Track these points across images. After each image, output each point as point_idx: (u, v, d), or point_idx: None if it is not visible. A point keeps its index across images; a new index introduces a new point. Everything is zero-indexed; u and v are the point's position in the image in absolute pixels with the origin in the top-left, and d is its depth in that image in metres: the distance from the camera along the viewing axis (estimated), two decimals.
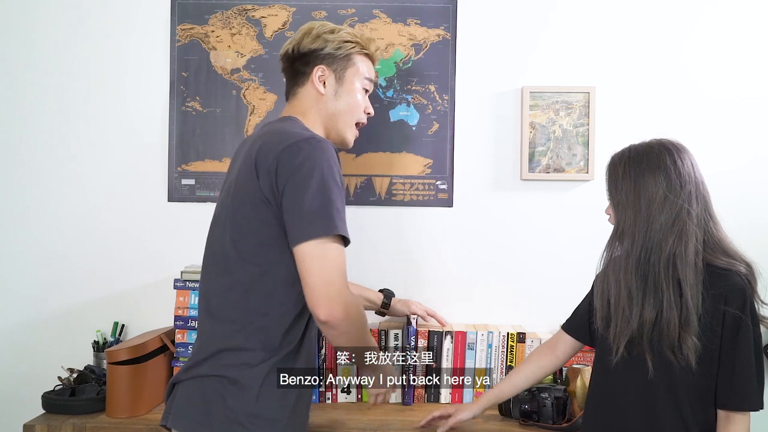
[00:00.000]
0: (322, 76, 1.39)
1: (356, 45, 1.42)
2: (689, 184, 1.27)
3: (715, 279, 1.23)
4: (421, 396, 1.80)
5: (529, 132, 1.92)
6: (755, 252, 1.92)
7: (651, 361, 1.24)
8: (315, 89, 1.39)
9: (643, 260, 1.24)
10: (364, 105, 1.45)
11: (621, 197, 1.29)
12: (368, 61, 1.46)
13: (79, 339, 1.91)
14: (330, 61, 1.40)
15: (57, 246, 1.96)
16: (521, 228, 1.95)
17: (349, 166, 1.95)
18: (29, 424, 1.58)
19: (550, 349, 1.52)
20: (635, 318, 1.24)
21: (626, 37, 1.93)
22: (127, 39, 1.97)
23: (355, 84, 1.42)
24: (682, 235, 1.24)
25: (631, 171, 1.29)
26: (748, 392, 1.22)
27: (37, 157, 1.97)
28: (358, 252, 1.95)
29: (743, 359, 1.22)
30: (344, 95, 1.41)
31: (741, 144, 1.92)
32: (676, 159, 1.28)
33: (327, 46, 1.39)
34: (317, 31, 1.40)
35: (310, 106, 1.40)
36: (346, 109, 1.41)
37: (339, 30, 1.41)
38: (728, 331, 1.22)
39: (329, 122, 1.41)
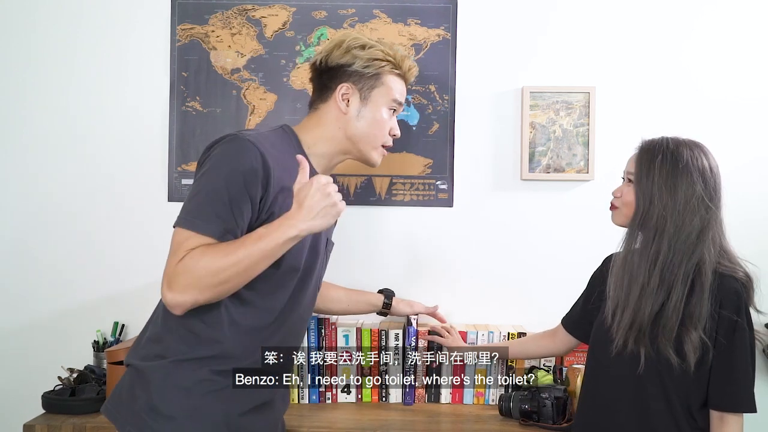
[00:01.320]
0: (346, 95, 1.34)
1: (388, 63, 1.35)
2: (720, 191, 1.29)
3: (715, 282, 1.24)
4: (422, 396, 1.80)
5: (529, 132, 1.92)
6: (755, 251, 1.92)
7: (644, 357, 1.24)
8: (337, 107, 1.34)
9: (669, 262, 1.24)
10: (389, 127, 1.39)
11: (652, 187, 1.27)
12: (399, 81, 1.39)
13: (79, 339, 1.91)
14: (357, 78, 1.34)
15: (57, 246, 1.96)
16: (521, 228, 1.95)
17: (349, 166, 1.95)
18: (29, 424, 1.58)
19: (551, 336, 1.62)
20: (645, 309, 1.24)
21: (626, 37, 1.93)
22: (127, 39, 1.97)
23: (381, 105, 1.35)
24: (712, 245, 1.25)
25: (669, 163, 1.27)
26: (743, 394, 1.23)
27: (37, 157, 1.97)
28: (358, 252, 1.96)
29: (739, 361, 1.23)
30: (367, 116, 1.35)
31: (741, 144, 1.92)
32: (713, 163, 1.30)
33: (355, 62, 1.33)
34: (348, 44, 1.33)
35: (330, 123, 1.35)
36: (368, 132, 1.35)
37: (371, 46, 1.34)
38: (723, 333, 1.23)
39: (350, 142, 1.36)
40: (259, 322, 1.27)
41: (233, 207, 1.16)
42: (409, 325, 1.77)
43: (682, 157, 1.27)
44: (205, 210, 1.16)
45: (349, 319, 1.90)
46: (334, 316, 1.86)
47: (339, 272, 1.95)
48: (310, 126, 1.37)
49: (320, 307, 1.72)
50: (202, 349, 1.22)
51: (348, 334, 1.79)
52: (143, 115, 1.96)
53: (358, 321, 1.89)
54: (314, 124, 1.37)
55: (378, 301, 1.81)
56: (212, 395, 1.23)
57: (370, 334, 1.79)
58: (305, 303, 1.37)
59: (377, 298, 1.81)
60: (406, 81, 1.41)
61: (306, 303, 1.37)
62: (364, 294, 1.81)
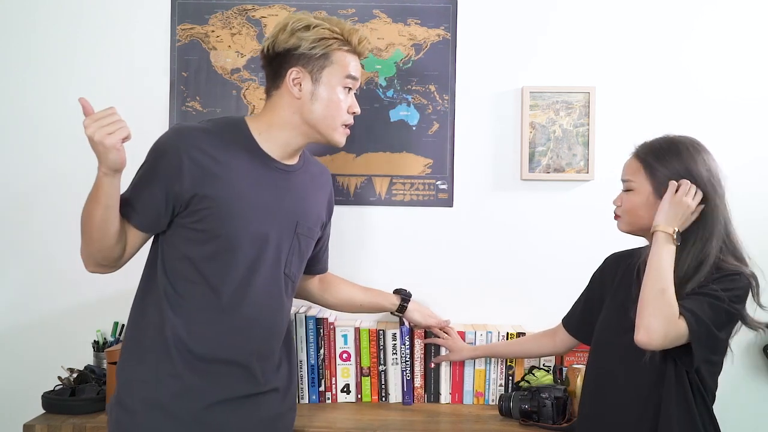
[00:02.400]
0: (297, 79, 1.30)
1: (335, 41, 1.30)
2: (722, 182, 1.30)
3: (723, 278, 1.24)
4: (421, 396, 1.80)
5: (529, 132, 1.92)
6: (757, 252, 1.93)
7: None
8: (290, 93, 1.31)
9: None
10: (347, 105, 1.34)
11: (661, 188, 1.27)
12: (350, 56, 1.34)
13: (79, 339, 1.91)
14: (305, 61, 1.30)
15: (57, 246, 1.96)
16: (521, 228, 1.95)
17: (349, 166, 1.95)
18: (29, 424, 1.58)
19: (551, 336, 1.62)
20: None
21: (626, 37, 1.93)
22: (127, 39, 1.97)
23: (334, 85, 1.32)
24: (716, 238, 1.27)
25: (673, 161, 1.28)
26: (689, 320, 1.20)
27: (38, 157, 1.97)
28: (358, 252, 1.96)
29: (698, 310, 1.20)
30: (322, 98, 1.31)
31: (741, 144, 1.92)
32: (710, 156, 1.31)
33: (302, 44, 1.28)
34: (292, 26, 1.29)
35: (284, 109, 1.33)
36: (325, 113, 1.32)
37: (315, 26, 1.29)
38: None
39: (309, 126, 1.33)
40: (205, 304, 1.28)
41: (144, 190, 1.26)
42: (402, 325, 1.77)
43: (681, 153, 1.29)
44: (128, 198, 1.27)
45: (348, 320, 1.90)
46: (333, 316, 1.86)
47: (339, 272, 1.95)
48: (264, 113, 1.37)
49: (333, 303, 1.69)
50: (159, 341, 1.27)
51: (346, 334, 1.79)
52: (143, 115, 1.95)
53: (356, 321, 1.89)
54: (269, 111, 1.35)
55: (392, 304, 1.72)
56: (173, 388, 1.26)
57: (368, 334, 1.79)
58: (260, 289, 1.32)
59: (392, 300, 1.72)
60: (360, 55, 1.37)
61: (263, 290, 1.33)
62: (380, 294, 1.73)
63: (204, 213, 1.26)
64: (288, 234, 1.36)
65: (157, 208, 1.26)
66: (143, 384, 1.27)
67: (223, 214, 1.26)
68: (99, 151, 1.15)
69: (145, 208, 1.26)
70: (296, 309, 1.84)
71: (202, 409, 1.26)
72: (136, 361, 1.29)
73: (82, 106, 1.16)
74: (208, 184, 1.25)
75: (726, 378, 1.34)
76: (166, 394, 1.25)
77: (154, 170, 1.26)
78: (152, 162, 1.28)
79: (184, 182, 1.24)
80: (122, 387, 1.29)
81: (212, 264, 1.28)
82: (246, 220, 1.28)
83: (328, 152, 1.94)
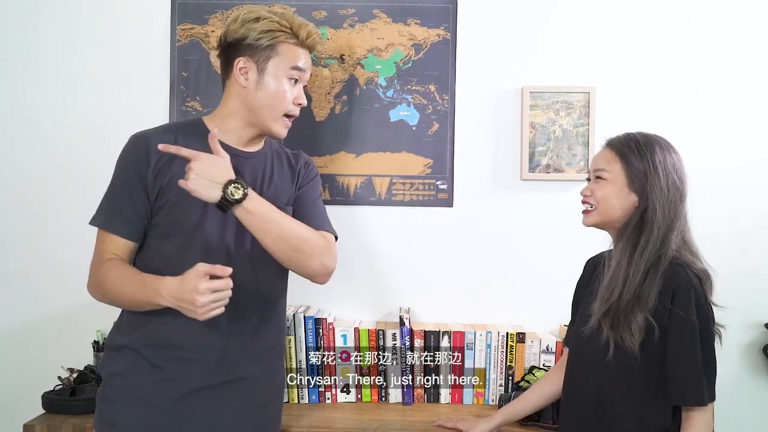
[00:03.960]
0: (244, 68, 1.34)
1: (282, 33, 1.34)
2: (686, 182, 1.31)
3: (670, 272, 1.25)
4: (421, 396, 1.80)
5: (529, 132, 1.92)
6: (755, 250, 1.94)
7: (613, 345, 1.25)
8: (237, 82, 1.35)
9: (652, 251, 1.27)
10: (292, 96, 1.37)
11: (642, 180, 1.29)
12: (297, 49, 1.37)
13: (79, 339, 1.91)
14: (252, 51, 1.34)
15: (57, 246, 1.96)
16: (521, 228, 1.95)
17: (349, 166, 1.95)
18: (29, 424, 1.59)
19: (561, 366, 1.53)
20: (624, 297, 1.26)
21: (626, 37, 1.93)
22: (127, 39, 1.97)
23: (280, 76, 1.35)
24: (676, 236, 1.28)
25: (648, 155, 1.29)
26: (691, 385, 1.22)
27: (38, 157, 1.97)
28: (358, 252, 1.96)
29: (687, 354, 1.22)
30: (266, 88, 1.34)
31: (741, 144, 1.92)
32: (677, 156, 1.32)
33: (249, 35, 1.33)
34: (243, 18, 1.34)
35: (233, 97, 1.37)
36: (269, 102, 1.35)
37: (264, 18, 1.33)
38: (674, 327, 1.23)
39: (253, 115, 1.36)
40: None
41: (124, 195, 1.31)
42: (402, 325, 1.77)
43: (654, 148, 1.30)
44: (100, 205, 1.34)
45: (348, 320, 1.91)
46: (332, 316, 1.87)
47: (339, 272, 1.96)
48: (219, 107, 1.41)
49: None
50: (134, 335, 1.31)
51: (346, 333, 1.79)
52: (143, 115, 1.95)
53: (355, 321, 1.90)
54: (222, 103, 1.40)
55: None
56: (149, 379, 1.29)
57: (368, 334, 1.79)
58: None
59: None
60: (310, 49, 1.40)
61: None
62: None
63: (166, 207, 1.30)
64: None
65: (138, 211, 1.30)
66: (121, 377, 1.31)
67: (182, 205, 1.29)
68: (184, 310, 1.20)
69: (131, 216, 1.30)
70: (295, 309, 1.84)
71: (178, 398, 1.29)
72: (115, 356, 1.34)
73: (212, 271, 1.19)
74: (167, 177, 1.30)
75: (726, 378, 1.35)
76: (143, 385, 1.30)
77: (125, 178, 1.32)
78: (119, 171, 1.34)
79: (149, 177, 1.30)
80: (104, 381, 1.35)
81: (177, 254, 1.30)
82: (202, 208, 1.30)
83: (327, 152, 1.95)
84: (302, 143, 1.83)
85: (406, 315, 1.83)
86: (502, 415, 1.55)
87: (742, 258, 1.90)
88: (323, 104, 1.95)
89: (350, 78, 1.95)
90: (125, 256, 1.32)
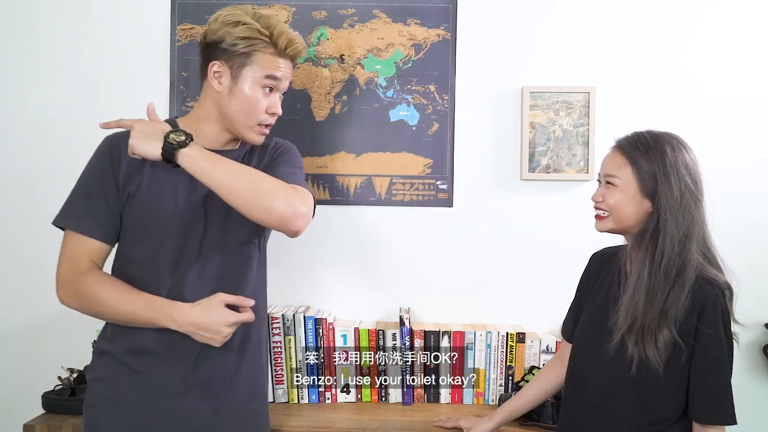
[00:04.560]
0: (218, 72, 1.31)
1: (260, 41, 1.29)
2: (702, 184, 1.27)
3: (696, 289, 1.21)
4: (421, 396, 1.80)
5: (529, 132, 1.92)
6: (756, 251, 1.93)
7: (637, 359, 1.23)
8: (211, 85, 1.32)
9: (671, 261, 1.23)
10: (266, 105, 1.32)
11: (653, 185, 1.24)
12: (275, 59, 1.31)
13: (79, 339, 1.91)
14: (228, 56, 1.30)
15: (57, 246, 1.96)
16: (521, 228, 1.95)
17: (349, 166, 1.95)
18: (29, 424, 1.59)
19: (558, 360, 1.53)
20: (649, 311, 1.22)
21: (626, 37, 1.93)
22: (127, 39, 1.97)
23: (254, 84, 1.30)
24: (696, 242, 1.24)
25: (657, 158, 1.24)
26: (725, 407, 1.21)
27: (37, 156, 1.97)
28: (358, 252, 1.96)
29: (720, 374, 1.21)
30: (238, 95, 1.30)
31: (741, 143, 1.92)
32: (693, 155, 1.27)
33: (226, 39, 1.28)
34: (223, 20, 1.30)
35: (207, 100, 1.34)
36: (240, 110, 1.31)
37: (242, 24, 1.28)
38: (702, 345, 1.21)
39: (227, 121, 1.33)
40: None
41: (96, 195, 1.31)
42: (402, 325, 1.77)
43: (665, 150, 1.24)
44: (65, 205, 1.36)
45: (348, 320, 1.91)
46: (332, 316, 1.87)
47: (338, 271, 1.96)
48: (196, 104, 1.39)
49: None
50: (114, 341, 1.32)
51: (346, 333, 1.79)
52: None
53: (355, 321, 1.89)
54: (199, 102, 1.37)
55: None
56: (128, 383, 1.28)
57: (367, 334, 1.79)
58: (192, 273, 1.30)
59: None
60: (292, 58, 1.35)
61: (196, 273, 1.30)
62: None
63: (134, 211, 1.30)
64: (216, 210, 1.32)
65: (112, 212, 1.30)
66: (102, 381, 1.31)
67: (150, 211, 1.29)
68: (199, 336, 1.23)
69: (106, 217, 1.30)
70: (295, 309, 1.84)
71: (158, 401, 1.28)
72: (98, 360, 1.35)
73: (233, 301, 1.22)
74: (136, 182, 1.30)
75: None
76: (123, 389, 1.29)
77: (99, 178, 1.31)
78: (91, 171, 1.33)
79: (120, 180, 1.30)
80: (88, 386, 1.35)
81: (148, 259, 1.30)
82: (170, 213, 1.29)
83: (327, 152, 1.95)
84: (302, 143, 1.83)
85: (406, 315, 1.83)
86: (501, 414, 1.55)
87: (742, 258, 1.89)
88: (323, 104, 1.95)
89: (350, 78, 1.95)
90: (101, 259, 1.32)
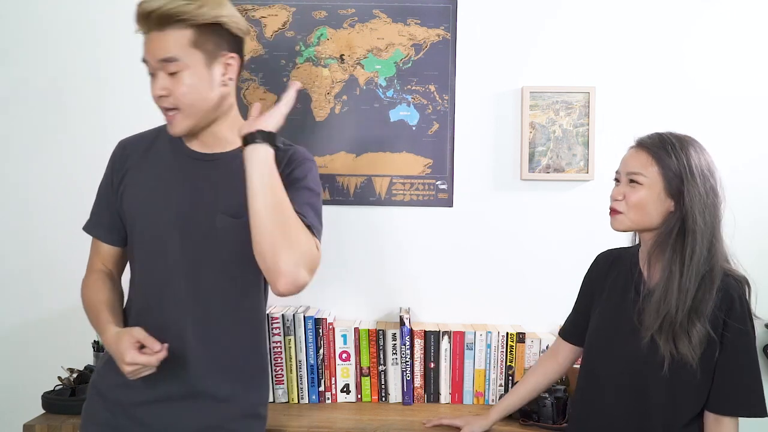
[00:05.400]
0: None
1: (139, 26, 1.26)
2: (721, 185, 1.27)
3: (724, 285, 1.23)
4: (421, 396, 1.80)
5: (529, 132, 1.92)
6: (760, 248, 1.93)
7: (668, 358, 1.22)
8: None
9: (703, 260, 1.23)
10: (154, 93, 1.26)
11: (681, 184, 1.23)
12: (145, 37, 1.27)
13: (79, 339, 1.91)
14: None
15: (57, 246, 1.96)
16: (521, 228, 1.95)
17: (349, 166, 1.95)
18: (29, 424, 1.59)
19: (552, 357, 1.53)
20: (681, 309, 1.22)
21: (626, 37, 1.93)
22: (127, 39, 1.96)
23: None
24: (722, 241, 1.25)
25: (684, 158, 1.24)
26: (757, 399, 1.22)
27: (37, 159, 1.97)
28: (358, 252, 1.96)
29: (751, 366, 1.22)
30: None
31: (741, 143, 1.92)
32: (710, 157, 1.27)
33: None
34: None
35: None
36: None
37: (138, 6, 1.24)
38: (731, 339, 1.21)
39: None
40: (140, 303, 1.31)
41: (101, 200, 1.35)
42: (402, 325, 1.77)
43: (689, 152, 1.24)
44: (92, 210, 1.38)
45: (348, 320, 1.91)
46: (332, 316, 1.87)
47: (338, 271, 1.96)
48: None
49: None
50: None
51: (346, 333, 1.79)
52: (143, 116, 1.95)
53: (355, 321, 1.89)
54: None
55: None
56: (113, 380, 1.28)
57: (367, 334, 1.79)
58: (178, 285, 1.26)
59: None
60: (157, 25, 1.24)
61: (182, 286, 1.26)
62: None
63: (126, 214, 1.30)
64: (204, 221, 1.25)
65: (114, 215, 1.32)
66: (97, 373, 1.35)
67: (139, 216, 1.28)
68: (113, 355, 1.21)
69: (108, 220, 1.33)
70: (295, 309, 1.84)
71: (136, 404, 1.27)
72: (102, 354, 1.40)
73: (145, 341, 1.17)
74: (126, 186, 1.31)
75: None
76: (109, 384, 1.30)
77: (104, 183, 1.37)
78: (103, 176, 1.38)
79: (115, 183, 1.32)
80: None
81: (142, 266, 1.30)
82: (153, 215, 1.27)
83: (327, 152, 1.95)
84: (302, 143, 1.83)
85: (406, 315, 1.83)
86: (497, 411, 1.57)
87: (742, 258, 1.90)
88: (323, 104, 1.95)
89: (350, 78, 1.95)
90: (111, 262, 1.35)
